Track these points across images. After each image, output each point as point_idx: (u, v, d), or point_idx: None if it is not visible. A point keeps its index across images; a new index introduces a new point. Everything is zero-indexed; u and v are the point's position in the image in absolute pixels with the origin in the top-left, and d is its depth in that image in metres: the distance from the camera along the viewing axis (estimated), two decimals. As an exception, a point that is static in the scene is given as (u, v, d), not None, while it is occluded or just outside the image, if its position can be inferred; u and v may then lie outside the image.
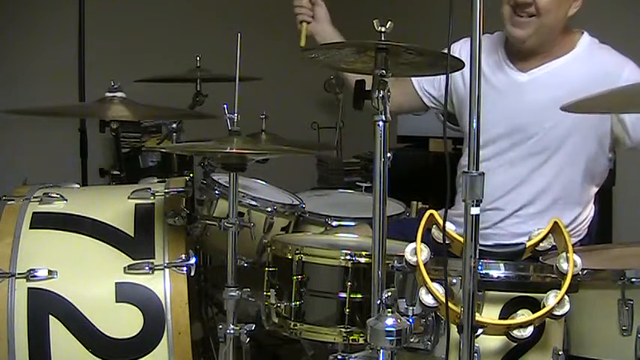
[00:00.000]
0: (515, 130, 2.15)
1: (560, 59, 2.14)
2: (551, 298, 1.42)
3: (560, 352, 1.51)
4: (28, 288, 1.79)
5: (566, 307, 1.43)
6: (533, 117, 2.13)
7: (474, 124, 1.30)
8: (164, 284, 1.83)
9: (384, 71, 1.59)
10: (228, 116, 1.84)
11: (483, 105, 1.30)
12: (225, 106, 1.84)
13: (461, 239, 1.38)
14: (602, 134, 2.12)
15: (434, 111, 2.43)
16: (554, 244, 1.56)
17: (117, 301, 1.81)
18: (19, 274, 1.80)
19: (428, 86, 2.36)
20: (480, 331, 1.37)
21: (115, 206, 1.99)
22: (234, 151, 1.82)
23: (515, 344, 1.46)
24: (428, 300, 1.44)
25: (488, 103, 1.48)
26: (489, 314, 1.47)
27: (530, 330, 1.41)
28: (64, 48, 3.70)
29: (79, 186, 2.18)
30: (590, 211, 2.25)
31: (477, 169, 1.30)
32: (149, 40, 4.11)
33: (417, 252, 1.48)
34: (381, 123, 1.60)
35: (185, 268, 1.85)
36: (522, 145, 2.15)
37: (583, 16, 2.13)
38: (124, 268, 1.83)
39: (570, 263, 1.45)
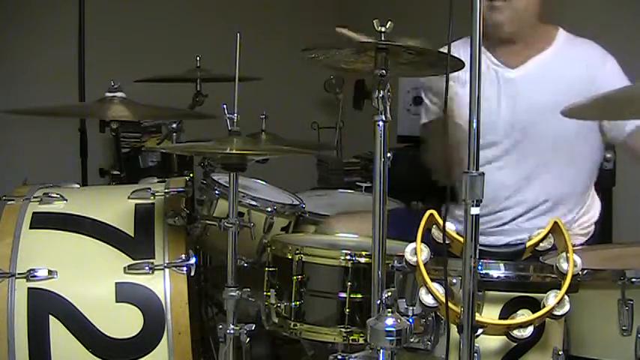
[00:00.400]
0: (514, 130, 2.15)
1: (542, 54, 2.15)
2: (551, 298, 1.42)
3: (560, 352, 1.51)
4: (28, 288, 1.79)
5: (566, 307, 1.43)
6: (529, 115, 2.13)
7: (474, 124, 1.30)
8: (164, 284, 1.83)
9: (384, 71, 1.59)
10: (228, 116, 1.84)
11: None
12: (224, 106, 1.84)
13: (461, 239, 1.38)
14: (594, 128, 2.15)
15: None
16: (555, 244, 1.56)
17: (117, 301, 1.81)
18: (19, 274, 1.80)
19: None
20: (480, 331, 1.37)
21: (115, 206, 1.99)
22: (234, 151, 1.82)
23: (515, 344, 1.46)
24: (428, 300, 1.44)
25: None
26: (489, 314, 1.47)
27: (530, 330, 1.41)
28: (64, 48, 3.69)
29: (79, 186, 2.18)
30: (596, 207, 2.27)
31: (477, 169, 1.30)
32: (149, 40, 4.11)
33: (417, 252, 1.48)
34: (381, 123, 1.60)
35: (185, 268, 1.85)
36: (522, 144, 2.15)
37: (582, 16, 2.13)
38: (124, 268, 1.83)
39: (570, 263, 1.45)
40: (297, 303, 1.84)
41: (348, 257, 1.81)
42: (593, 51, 2.14)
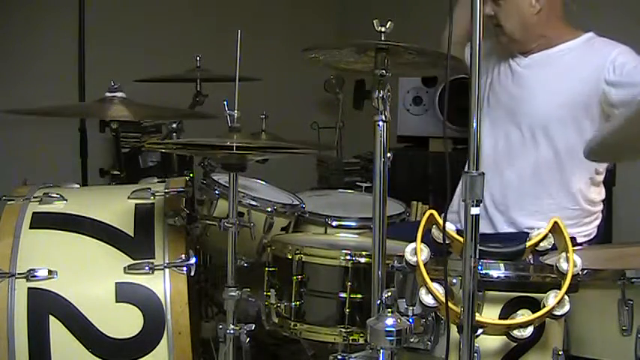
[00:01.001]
0: (515, 111, 2.26)
1: (552, 48, 2.24)
2: (551, 298, 1.42)
3: (560, 352, 1.51)
4: (28, 288, 1.78)
5: (566, 307, 1.43)
6: (528, 97, 2.24)
7: (474, 124, 1.30)
8: (164, 284, 1.83)
9: (384, 71, 1.59)
10: (229, 112, 1.83)
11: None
12: (225, 102, 1.83)
13: (461, 239, 1.38)
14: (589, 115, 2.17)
15: None
16: (555, 244, 1.56)
17: (117, 301, 1.81)
18: (19, 274, 1.80)
19: None
20: (480, 331, 1.38)
21: (115, 206, 1.99)
22: (234, 144, 1.80)
23: (515, 344, 1.46)
24: (428, 300, 1.44)
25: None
26: (489, 314, 1.47)
27: (530, 330, 1.41)
28: (64, 48, 3.69)
29: (79, 186, 2.18)
30: (598, 216, 2.29)
31: (477, 169, 1.30)
32: (149, 40, 4.10)
33: (417, 252, 1.48)
34: (381, 123, 1.60)
35: (185, 268, 1.85)
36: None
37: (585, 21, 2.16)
38: (124, 268, 1.83)
39: (570, 263, 1.45)
40: (297, 303, 1.85)
41: (348, 257, 1.81)
42: (609, 45, 2.17)
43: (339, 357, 1.70)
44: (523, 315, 1.43)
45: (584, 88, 2.13)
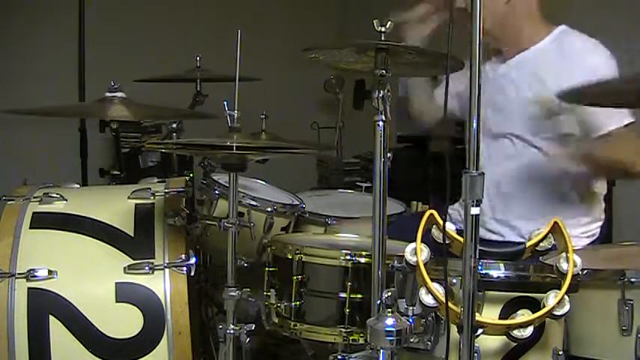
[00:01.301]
0: (501, 118, 2.25)
1: (528, 50, 2.23)
2: (551, 298, 1.42)
3: (560, 352, 1.51)
4: (28, 288, 1.79)
5: (566, 307, 1.43)
6: (507, 105, 2.23)
7: (474, 124, 1.30)
8: (164, 284, 1.83)
9: (384, 71, 1.59)
10: (229, 112, 1.83)
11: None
12: (225, 102, 1.83)
13: (461, 239, 1.38)
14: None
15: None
16: (555, 244, 1.56)
17: (117, 301, 1.81)
18: (19, 274, 1.80)
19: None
20: (479, 331, 1.37)
21: (115, 206, 1.99)
22: (235, 144, 1.80)
23: (515, 344, 1.46)
24: (428, 300, 1.44)
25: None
26: (489, 314, 1.47)
27: (530, 330, 1.41)
28: (64, 48, 3.69)
29: (79, 186, 2.18)
30: (599, 211, 2.28)
31: (477, 169, 1.30)
32: (149, 40, 4.11)
33: (417, 252, 1.48)
34: (381, 123, 1.60)
35: (185, 268, 1.85)
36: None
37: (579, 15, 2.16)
38: (124, 268, 1.83)
39: (570, 263, 1.45)
40: (297, 303, 1.85)
41: (348, 257, 1.81)
42: (582, 44, 2.16)
43: (339, 357, 1.70)
44: (523, 315, 1.43)
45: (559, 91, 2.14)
